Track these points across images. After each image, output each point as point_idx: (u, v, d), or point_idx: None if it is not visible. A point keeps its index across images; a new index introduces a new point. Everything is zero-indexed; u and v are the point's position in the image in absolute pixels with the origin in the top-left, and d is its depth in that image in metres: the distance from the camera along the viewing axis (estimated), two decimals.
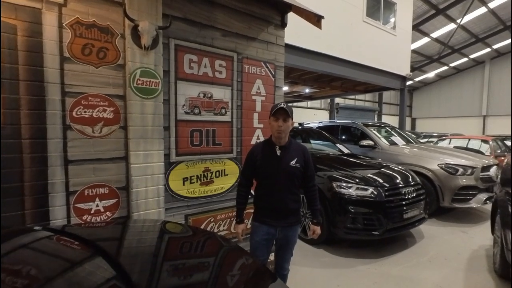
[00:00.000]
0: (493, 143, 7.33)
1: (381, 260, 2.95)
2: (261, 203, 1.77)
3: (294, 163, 1.72)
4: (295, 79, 6.91)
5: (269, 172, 1.72)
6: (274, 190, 1.72)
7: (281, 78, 2.75)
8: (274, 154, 1.72)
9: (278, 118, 1.66)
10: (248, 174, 1.82)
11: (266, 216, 1.75)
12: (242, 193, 1.83)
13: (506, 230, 2.38)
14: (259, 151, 1.76)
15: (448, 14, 12.18)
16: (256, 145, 1.86)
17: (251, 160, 1.77)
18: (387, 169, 3.60)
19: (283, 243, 1.82)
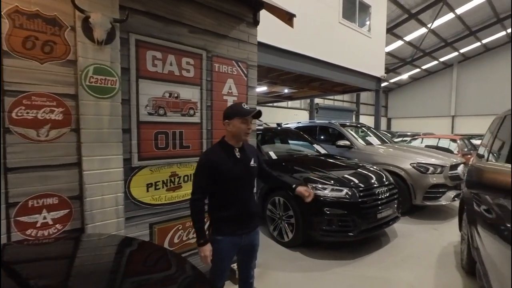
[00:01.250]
0: (461, 142, 7.72)
1: (357, 261, 2.94)
2: (224, 213, 1.60)
3: (253, 163, 1.67)
4: (273, 79, 6.87)
5: (233, 177, 1.58)
6: (239, 195, 1.61)
7: (254, 78, 2.66)
8: (234, 157, 1.60)
9: (246, 120, 1.56)
10: (205, 185, 1.57)
11: (229, 226, 1.60)
12: (201, 209, 1.56)
13: (472, 227, 2.45)
14: (218, 157, 1.57)
15: (420, 19, 12.74)
16: (210, 151, 1.64)
17: (209, 169, 1.54)
18: (363, 169, 3.63)
19: (248, 250, 1.71)
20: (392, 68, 18.06)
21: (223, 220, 1.61)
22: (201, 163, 1.58)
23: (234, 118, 1.56)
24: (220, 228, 1.61)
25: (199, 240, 1.53)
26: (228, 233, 1.59)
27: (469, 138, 9.28)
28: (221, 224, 1.61)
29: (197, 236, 1.54)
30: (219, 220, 1.62)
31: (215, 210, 1.63)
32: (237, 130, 1.57)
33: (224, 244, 1.59)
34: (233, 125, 1.56)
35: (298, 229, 3.09)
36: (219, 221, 1.62)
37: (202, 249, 1.52)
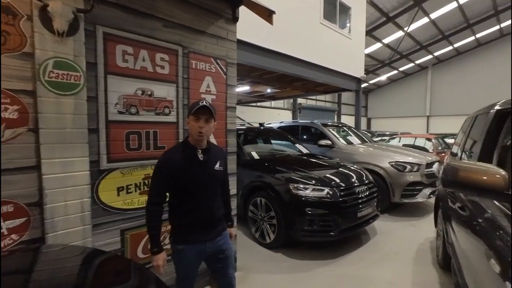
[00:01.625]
0: (435, 141, 8.07)
1: (338, 260, 2.95)
2: (184, 220, 1.48)
3: (218, 167, 1.56)
4: (256, 78, 6.82)
5: (194, 181, 1.46)
6: (201, 201, 1.49)
7: (233, 76, 2.59)
8: (197, 159, 1.48)
9: (199, 118, 1.42)
10: (163, 189, 1.45)
11: (192, 233, 1.48)
12: (157, 215, 1.44)
13: (446, 224, 2.52)
14: (178, 158, 1.44)
15: (397, 22, 13.19)
16: (171, 151, 1.51)
17: (168, 171, 1.42)
18: (344, 169, 3.65)
19: (218, 257, 1.59)
20: (371, 70, 18.60)
21: (184, 227, 1.49)
22: (159, 164, 1.46)
23: (189, 116, 1.46)
24: (182, 236, 1.49)
25: (152, 248, 1.42)
26: (190, 241, 1.47)
27: (443, 137, 9.73)
28: (182, 232, 1.49)
29: (151, 244, 1.43)
30: (179, 227, 1.50)
31: (175, 217, 1.51)
32: (190, 129, 1.46)
33: (187, 253, 1.47)
34: (188, 124, 1.46)
35: (280, 230, 3.05)
36: (180, 229, 1.50)
37: (155, 258, 1.42)
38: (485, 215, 1.39)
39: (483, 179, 1.19)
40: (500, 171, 1.16)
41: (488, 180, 1.17)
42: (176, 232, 1.51)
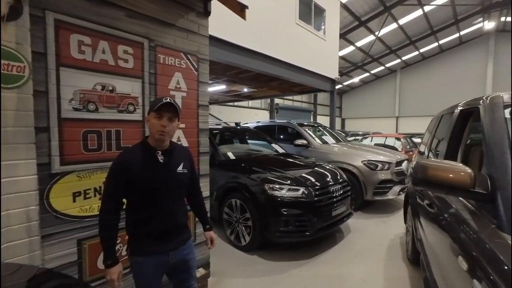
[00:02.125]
0: (404, 140, 8.49)
1: (313, 260, 2.94)
2: (144, 228, 1.33)
3: (181, 169, 1.42)
4: (232, 77, 6.71)
5: (154, 186, 1.32)
6: (162, 207, 1.35)
7: (205, 73, 2.47)
8: (157, 162, 1.34)
9: (161, 116, 1.29)
10: (119, 195, 1.31)
11: (153, 243, 1.34)
12: (111, 223, 1.29)
13: (415, 220, 2.60)
14: (134, 161, 1.30)
15: (369, 27, 13.75)
16: (126, 153, 1.36)
17: (123, 174, 1.27)
18: (319, 168, 3.67)
19: (181, 268, 1.46)
20: (345, 72, 19.24)
21: (144, 237, 1.34)
22: (113, 167, 1.31)
23: (150, 113, 1.32)
24: (140, 247, 1.34)
25: (106, 260, 1.27)
26: (151, 252, 1.33)
27: (410, 137, 10.28)
28: (141, 242, 1.34)
29: (105, 256, 1.28)
30: (138, 237, 1.35)
31: (133, 226, 1.36)
32: (151, 127, 1.32)
33: (147, 266, 1.33)
34: (149, 122, 1.33)
35: (255, 231, 2.99)
36: (139, 238, 1.35)
37: (110, 271, 1.26)
38: (452, 213, 1.42)
39: (450, 177, 1.20)
40: (465, 169, 1.17)
41: (454, 178, 1.18)
42: (134, 242, 1.36)
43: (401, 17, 13.60)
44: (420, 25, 14.98)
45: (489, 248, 0.94)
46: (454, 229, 1.30)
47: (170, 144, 1.42)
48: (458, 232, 1.22)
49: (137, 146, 1.39)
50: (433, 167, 1.26)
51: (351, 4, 11.86)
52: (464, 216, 1.25)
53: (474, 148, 1.97)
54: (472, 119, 1.85)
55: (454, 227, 1.31)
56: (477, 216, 1.15)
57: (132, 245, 1.37)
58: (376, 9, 12.54)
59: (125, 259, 1.43)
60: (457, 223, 1.29)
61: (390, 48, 17.22)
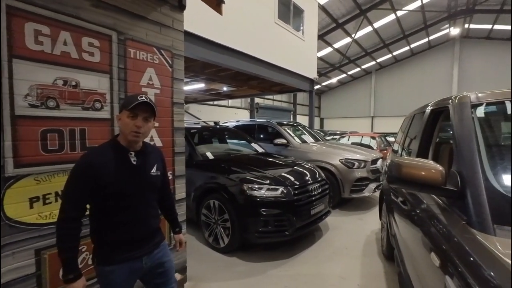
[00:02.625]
0: (379, 139, 8.82)
1: (292, 259, 2.94)
2: (113, 236, 1.22)
3: (155, 171, 1.34)
4: (211, 75, 6.58)
5: (125, 190, 1.21)
6: (134, 212, 1.25)
7: (181, 69, 2.37)
8: (129, 164, 1.24)
9: (136, 115, 1.19)
10: (82, 200, 1.17)
11: (124, 250, 1.24)
12: (72, 232, 1.14)
13: (390, 216, 2.68)
14: (104, 162, 1.17)
15: (346, 29, 14.15)
16: (94, 153, 1.22)
17: (89, 178, 1.14)
18: (298, 167, 3.68)
19: (158, 272, 1.38)
20: (323, 72, 19.68)
21: (113, 245, 1.23)
22: (77, 169, 1.16)
23: (122, 111, 1.22)
24: (109, 255, 1.22)
25: (67, 275, 1.11)
26: (121, 260, 1.22)
27: (385, 136, 10.72)
28: (110, 251, 1.23)
29: (65, 270, 1.12)
30: (106, 245, 1.23)
31: (101, 233, 1.24)
32: (123, 126, 1.21)
33: (117, 275, 1.22)
34: (121, 120, 1.22)
35: (234, 233, 2.92)
36: (107, 247, 1.23)
37: (71, 286, 1.11)
38: (424, 209, 1.45)
39: (422, 175, 1.22)
40: (437, 166, 1.20)
41: (426, 176, 1.20)
42: (102, 251, 1.24)
43: (375, 21, 14.13)
44: (393, 29, 15.67)
45: (459, 244, 0.96)
46: (426, 225, 1.33)
47: (143, 145, 1.33)
48: (430, 229, 1.25)
49: (105, 146, 1.26)
50: (406, 165, 1.28)
51: (329, 6, 12.13)
52: (436, 212, 1.28)
53: (444, 146, 2.05)
54: (442, 118, 1.93)
55: (426, 224, 1.34)
56: (448, 212, 1.18)
57: (99, 254, 1.24)
58: (353, 12, 12.93)
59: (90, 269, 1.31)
60: (429, 219, 1.31)
61: (365, 50, 17.85)
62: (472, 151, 1.16)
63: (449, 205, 1.20)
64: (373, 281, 2.55)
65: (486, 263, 0.83)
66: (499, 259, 0.81)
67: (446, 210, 1.21)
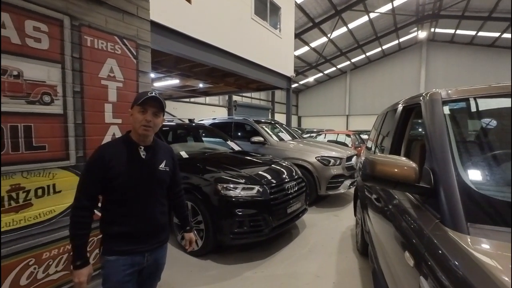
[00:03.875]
0: (353, 137, 9.07)
1: (268, 260, 2.87)
2: (120, 227, 1.26)
3: (163, 167, 1.37)
4: (185, 71, 6.33)
5: (134, 183, 1.26)
6: (141, 206, 1.30)
7: (147, 62, 2.19)
8: (138, 157, 1.29)
9: (146, 110, 1.24)
10: (94, 190, 1.23)
11: (129, 242, 1.27)
12: (84, 221, 1.21)
13: (364, 213, 2.71)
14: (115, 155, 1.23)
15: (322, 28, 14.39)
16: (106, 146, 1.28)
17: (100, 169, 1.20)
18: (275, 165, 3.62)
19: (151, 271, 1.39)
20: (301, 71, 19.94)
21: (118, 236, 1.26)
22: (90, 161, 1.24)
23: (134, 106, 1.27)
24: (116, 246, 1.26)
25: (76, 261, 1.18)
26: (125, 252, 1.26)
27: (359, 134, 11.07)
28: (115, 241, 1.26)
29: (74, 256, 1.18)
30: (113, 236, 1.27)
31: (109, 224, 1.28)
32: (134, 121, 1.26)
33: (120, 266, 1.24)
34: (132, 115, 1.27)
35: (208, 235, 2.80)
36: (113, 237, 1.27)
37: (78, 273, 1.17)
38: (397, 207, 1.44)
39: (395, 172, 1.18)
40: (410, 163, 1.17)
41: (400, 173, 1.17)
42: (109, 241, 1.27)
43: (350, 22, 14.52)
44: (366, 30, 16.21)
45: (433, 244, 0.92)
46: (399, 223, 1.30)
47: (153, 141, 1.37)
48: (404, 227, 1.22)
49: (117, 140, 1.32)
50: (380, 162, 1.24)
51: (305, 5, 12.24)
52: (409, 210, 1.26)
53: (415, 143, 2.08)
54: (414, 115, 1.95)
55: (399, 222, 1.31)
56: (421, 210, 1.16)
57: (105, 244, 1.28)
58: (329, 12, 13.17)
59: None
60: (402, 217, 1.29)
61: (341, 50, 18.33)
62: (444, 148, 1.15)
63: (422, 203, 1.18)
64: (347, 278, 2.55)
65: (460, 263, 0.79)
66: (473, 259, 0.78)
67: (419, 207, 1.19)
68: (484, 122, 1.33)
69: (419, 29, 17.14)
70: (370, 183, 1.48)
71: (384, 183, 1.26)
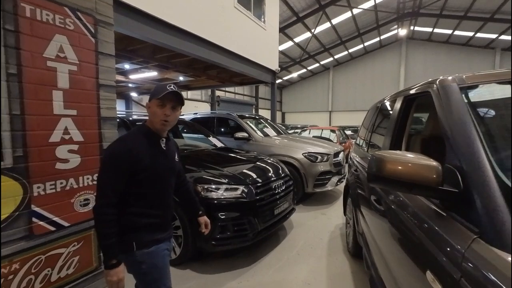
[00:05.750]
0: (338, 132, 9.02)
1: (255, 266, 2.63)
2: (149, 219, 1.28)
3: (177, 158, 1.43)
4: (163, 62, 5.89)
5: (159, 175, 1.29)
6: (163, 196, 1.34)
7: (109, 42, 1.84)
8: (161, 149, 1.32)
9: (165, 104, 1.24)
10: (121, 185, 1.19)
11: (160, 231, 1.32)
12: (113, 219, 1.17)
13: (357, 212, 2.52)
14: (141, 147, 1.23)
15: (306, 23, 14.25)
16: (129, 139, 1.24)
17: (130, 163, 1.18)
18: (261, 162, 3.37)
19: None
20: (285, 67, 19.76)
21: (147, 228, 1.28)
22: (115, 155, 1.19)
23: (152, 99, 1.26)
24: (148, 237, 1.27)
25: (110, 260, 1.15)
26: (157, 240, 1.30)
27: (343, 129, 11.08)
28: (147, 233, 1.27)
29: (108, 255, 1.15)
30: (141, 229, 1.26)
31: (135, 217, 1.25)
32: (153, 115, 1.26)
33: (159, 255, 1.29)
34: (150, 109, 1.27)
35: (186, 242, 2.50)
36: (142, 230, 1.26)
37: (116, 271, 1.15)
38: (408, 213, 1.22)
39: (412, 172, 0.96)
40: (430, 161, 0.95)
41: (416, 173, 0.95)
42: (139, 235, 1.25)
43: (334, 17, 14.48)
44: (349, 26, 16.28)
45: (476, 269, 0.70)
46: (414, 234, 1.09)
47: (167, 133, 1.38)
48: (422, 240, 1.00)
49: (138, 132, 1.29)
50: (391, 160, 1.02)
51: None
52: (427, 219, 1.04)
53: (414, 137, 1.90)
54: (416, 106, 1.75)
55: (413, 232, 1.10)
56: (445, 220, 0.94)
57: (136, 239, 1.25)
58: (313, 6, 13.02)
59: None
60: (418, 227, 1.07)
61: (324, 46, 18.33)
62: (472, 142, 0.93)
63: (446, 210, 0.97)
64: (340, 284, 2.36)
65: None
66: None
67: (441, 216, 0.97)
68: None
69: (400, 26, 17.48)
70: (378, 185, 1.26)
71: (396, 186, 1.03)
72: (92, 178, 1.76)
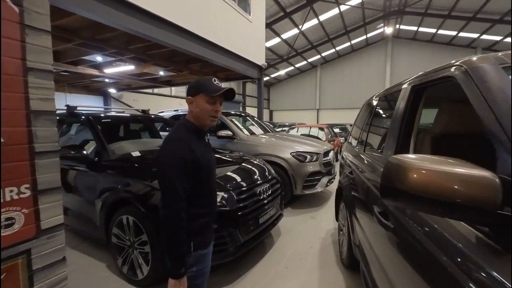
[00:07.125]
0: (327, 130, 8.81)
1: (237, 283, 2.29)
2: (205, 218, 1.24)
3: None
4: (139, 54, 5.41)
5: (212, 171, 1.27)
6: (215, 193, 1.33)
7: (42, 14, 1.42)
8: (207, 144, 1.29)
9: (216, 101, 1.20)
10: (188, 187, 1.14)
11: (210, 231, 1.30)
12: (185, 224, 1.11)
13: (352, 219, 2.23)
14: (196, 147, 1.16)
15: (293, 19, 13.97)
16: (183, 138, 1.17)
17: (192, 163, 1.13)
18: (247, 163, 3.02)
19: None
20: (272, 64, 19.45)
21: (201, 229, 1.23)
22: (179, 155, 1.12)
23: (199, 94, 1.20)
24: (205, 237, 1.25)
25: (179, 269, 1.10)
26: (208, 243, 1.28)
27: (332, 127, 10.91)
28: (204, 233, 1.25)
29: (179, 264, 1.10)
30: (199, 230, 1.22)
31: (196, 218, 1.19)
32: (201, 111, 1.20)
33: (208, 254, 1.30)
34: (196, 104, 1.21)
35: (155, 259, 2.12)
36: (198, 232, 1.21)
37: (184, 280, 1.11)
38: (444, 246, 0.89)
39: (451, 187, 0.65)
40: (483, 172, 0.64)
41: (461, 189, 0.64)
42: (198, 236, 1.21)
43: (321, 13, 14.28)
44: (336, 23, 16.16)
45: None
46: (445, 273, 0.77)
47: None
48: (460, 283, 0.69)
49: (183, 129, 1.22)
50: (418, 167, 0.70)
51: None
52: (468, 251, 0.73)
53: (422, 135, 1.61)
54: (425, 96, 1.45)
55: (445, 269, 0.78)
56: (502, 257, 0.63)
57: (195, 239, 1.20)
58: (300, 1, 12.76)
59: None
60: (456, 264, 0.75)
61: (311, 43, 18.15)
62: None
63: (498, 241, 0.65)
64: None
65: None
66: None
67: (497, 252, 0.66)
68: None
69: (386, 25, 17.55)
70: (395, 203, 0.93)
71: (424, 206, 0.72)
72: (18, 190, 1.35)
